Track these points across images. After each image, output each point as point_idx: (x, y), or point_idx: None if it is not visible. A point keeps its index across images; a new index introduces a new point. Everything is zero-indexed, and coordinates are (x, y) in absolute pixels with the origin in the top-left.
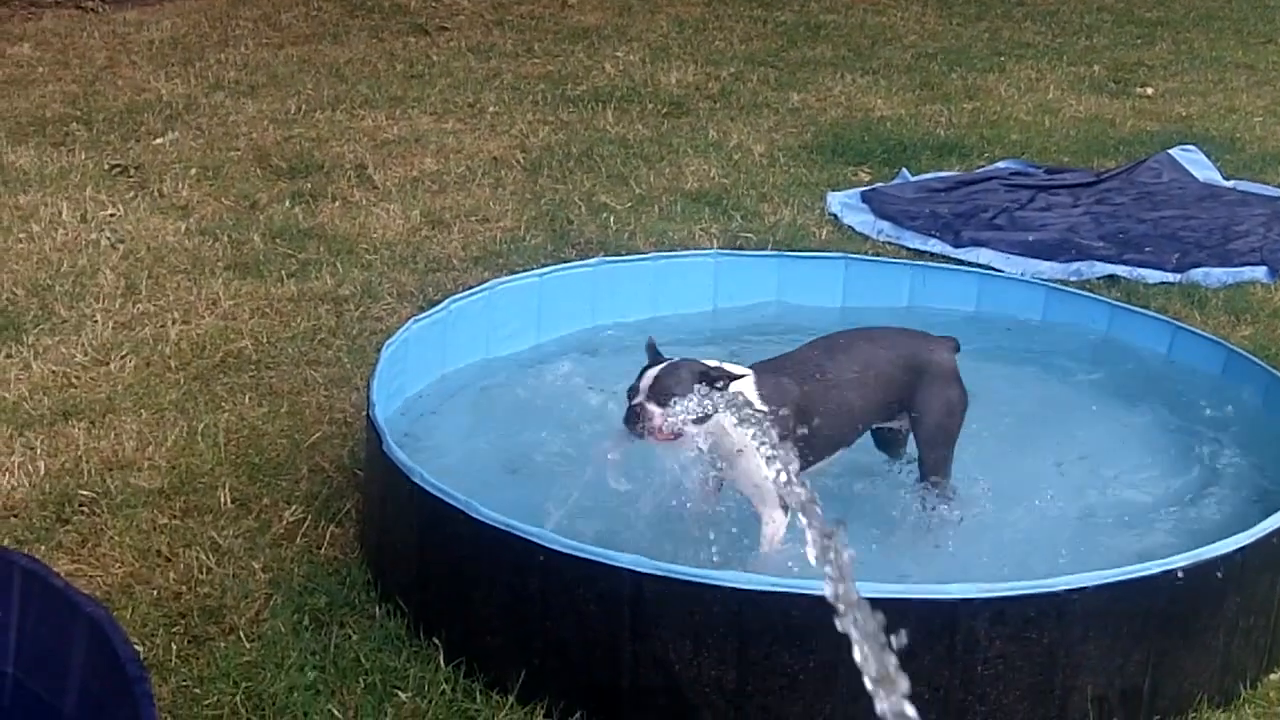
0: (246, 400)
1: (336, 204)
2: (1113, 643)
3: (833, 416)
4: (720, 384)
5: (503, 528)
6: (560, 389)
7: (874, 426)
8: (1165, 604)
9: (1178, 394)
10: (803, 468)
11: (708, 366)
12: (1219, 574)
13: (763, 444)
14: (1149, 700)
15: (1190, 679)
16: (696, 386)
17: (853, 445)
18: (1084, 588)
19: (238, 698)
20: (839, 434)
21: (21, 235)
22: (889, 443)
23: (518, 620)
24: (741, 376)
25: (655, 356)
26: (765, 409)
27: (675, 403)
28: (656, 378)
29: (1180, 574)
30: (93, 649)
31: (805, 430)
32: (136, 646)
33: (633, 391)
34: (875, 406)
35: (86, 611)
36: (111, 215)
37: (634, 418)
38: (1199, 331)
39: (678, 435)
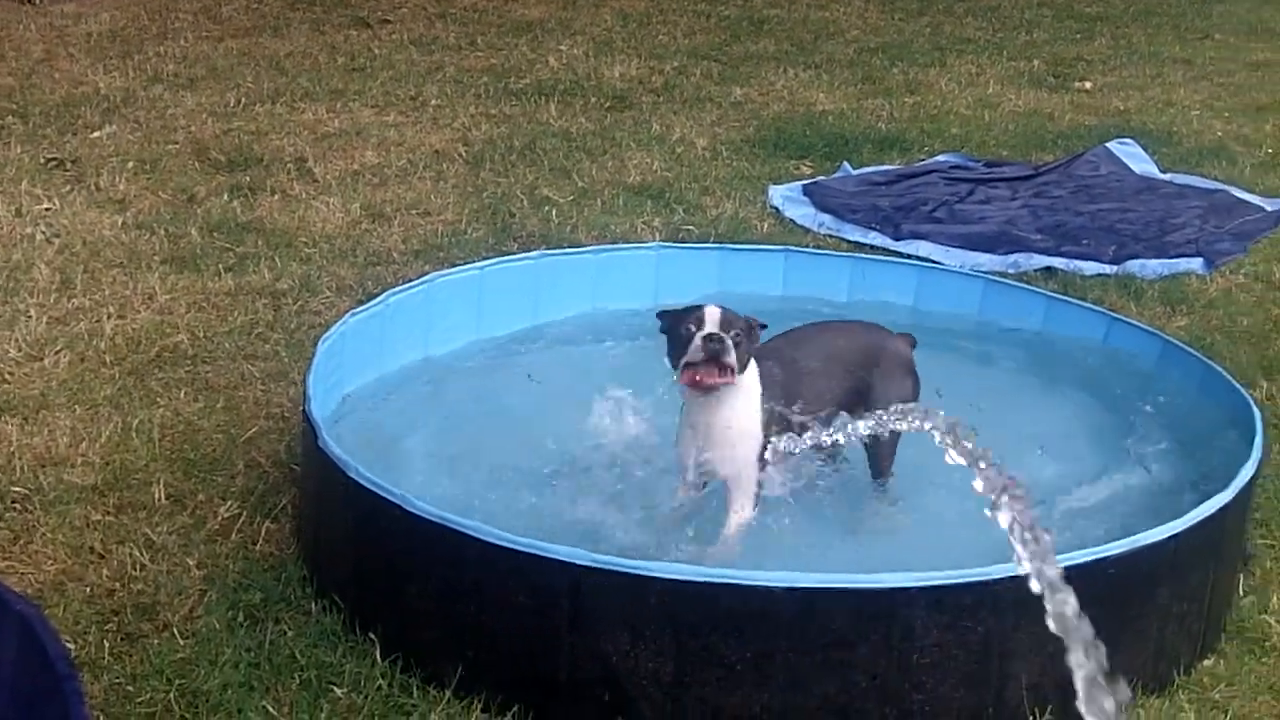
0: (182, 395)
1: (276, 197)
2: (1046, 631)
3: (808, 402)
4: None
5: (437, 521)
6: (500, 382)
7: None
8: (1098, 592)
9: (1113, 384)
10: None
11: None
12: (1149, 562)
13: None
14: None
15: (1124, 665)
16: (748, 329)
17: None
18: (1018, 576)
19: (171, 695)
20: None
21: None
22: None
23: (453, 614)
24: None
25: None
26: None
27: (739, 338)
28: (722, 312)
29: (1111, 565)
30: (22, 647)
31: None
32: (69, 644)
33: (698, 324)
34: (840, 394)
35: (16, 609)
36: (47, 209)
37: (717, 349)
38: (1135, 322)
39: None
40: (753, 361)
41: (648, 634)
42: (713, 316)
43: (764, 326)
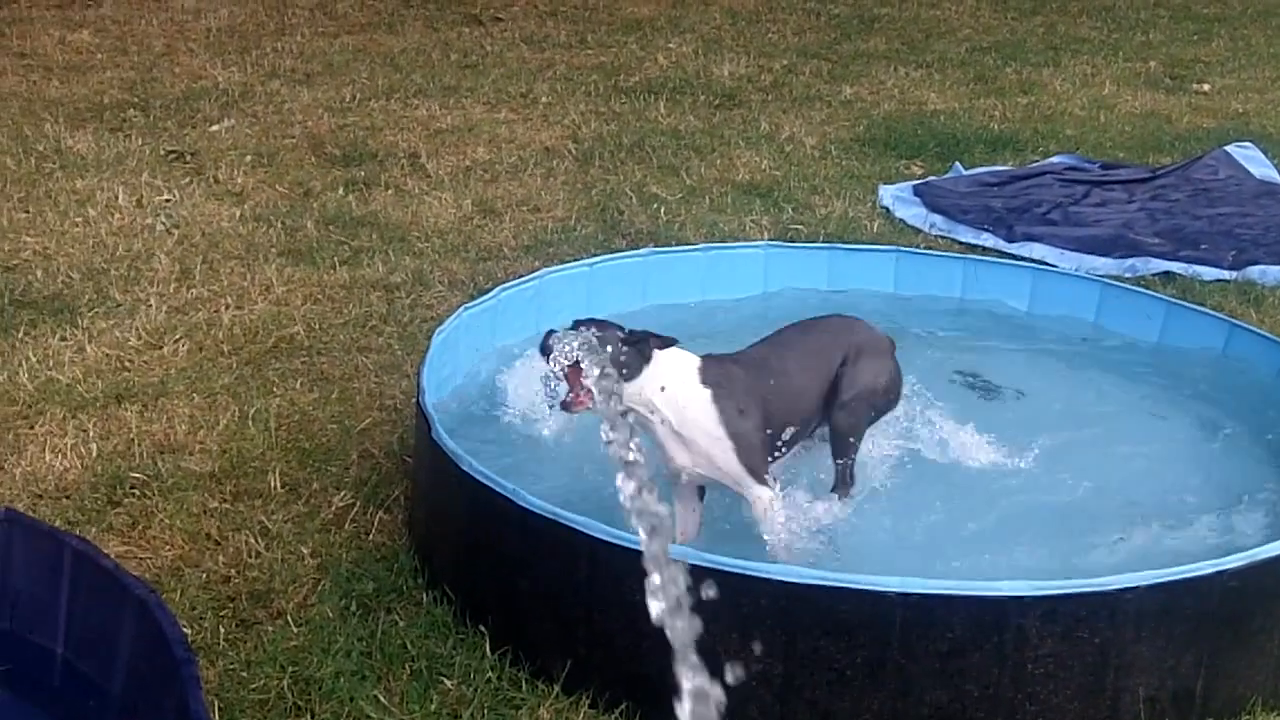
0: (298, 386)
1: (389, 192)
2: (1165, 643)
3: (785, 401)
4: (637, 347)
5: (549, 516)
6: None
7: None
8: (1218, 605)
9: (1233, 393)
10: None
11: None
12: (1269, 575)
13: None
14: (1201, 702)
15: (1243, 681)
16: (609, 346)
17: (812, 435)
18: (1137, 587)
19: (284, 682)
20: (793, 420)
21: (78, 219)
22: None
23: (563, 609)
24: (672, 342)
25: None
26: (708, 390)
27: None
28: (543, 345)
29: (1230, 578)
30: (141, 631)
31: (758, 417)
32: (185, 629)
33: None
34: (817, 387)
35: (136, 594)
36: (167, 200)
37: (549, 387)
38: (1256, 329)
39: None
40: (691, 368)
41: (758, 635)
42: (543, 351)
43: (670, 341)
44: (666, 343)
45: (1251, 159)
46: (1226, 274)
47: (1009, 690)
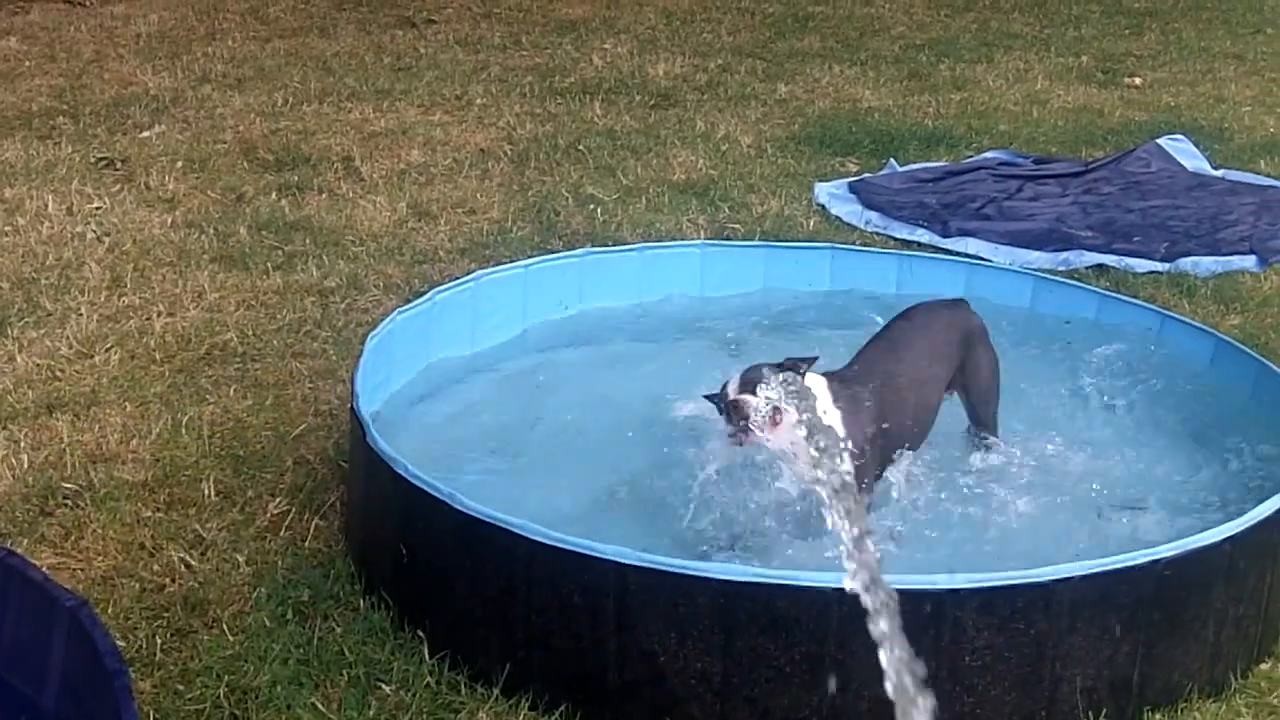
0: (231, 393)
1: (323, 196)
2: (1101, 633)
3: (905, 415)
4: (800, 370)
5: (485, 519)
6: (546, 379)
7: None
8: (1153, 594)
9: (1165, 383)
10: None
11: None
12: (1204, 564)
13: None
14: (1138, 691)
15: (1180, 669)
16: (777, 376)
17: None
18: (1071, 577)
19: (221, 691)
20: (911, 431)
21: (7, 229)
22: None
23: (502, 613)
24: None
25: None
26: (841, 414)
27: (763, 390)
28: (740, 382)
29: (1165, 566)
30: (73, 643)
31: (880, 440)
32: (119, 640)
33: (722, 395)
34: (941, 388)
35: (66, 605)
36: (97, 208)
37: (730, 413)
38: (1188, 320)
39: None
40: (822, 390)
41: (696, 634)
42: (732, 387)
43: (814, 359)
44: (809, 365)
45: (1183, 151)
46: (1159, 266)
47: (946, 683)
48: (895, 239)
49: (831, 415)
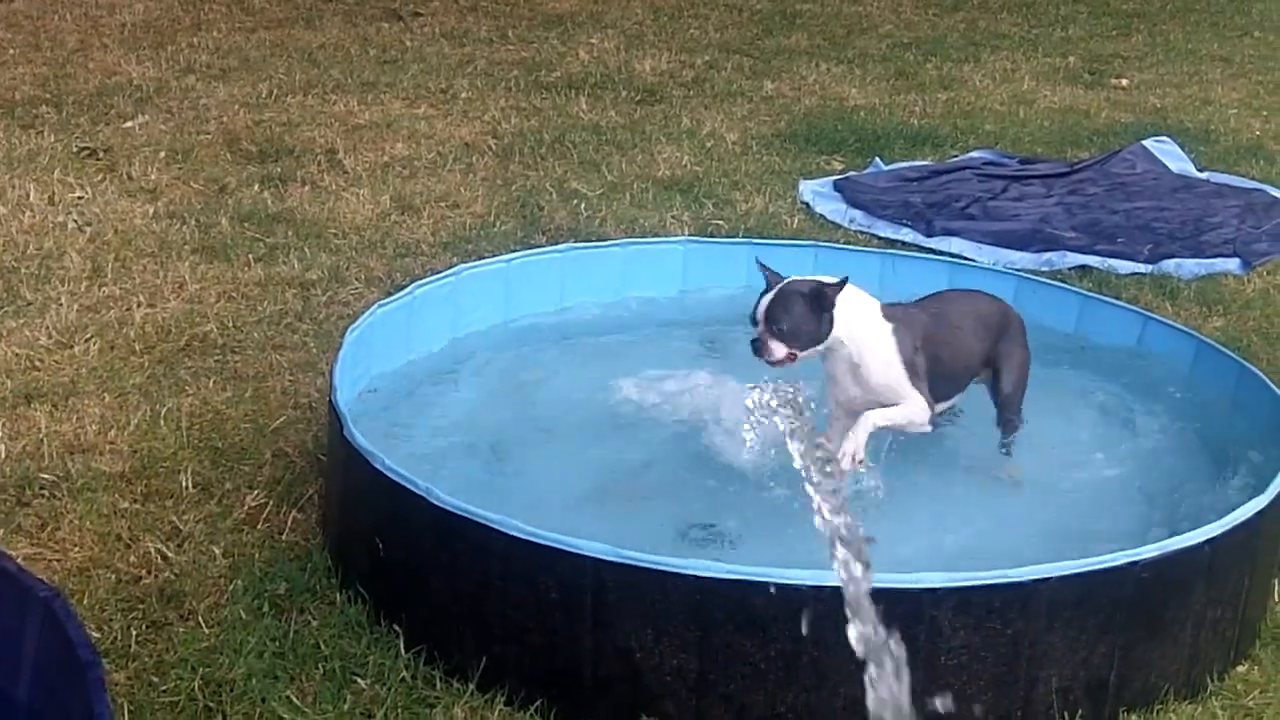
0: (211, 384)
1: (306, 188)
2: (1078, 634)
3: (953, 356)
4: (830, 299)
5: (462, 513)
6: (525, 375)
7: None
8: (1130, 596)
9: (1147, 385)
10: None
11: (817, 285)
12: (1182, 566)
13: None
14: (1115, 692)
15: (1157, 671)
16: (810, 311)
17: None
18: (1049, 578)
19: (195, 683)
20: (956, 371)
21: None
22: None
23: (477, 607)
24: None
25: (769, 277)
26: (891, 326)
27: (790, 328)
28: (768, 305)
29: (1142, 568)
30: (46, 634)
31: (927, 361)
32: (94, 632)
33: (753, 320)
34: (979, 354)
35: (40, 596)
36: (79, 198)
37: (758, 350)
38: (1170, 322)
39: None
40: (875, 308)
41: (671, 630)
42: (760, 312)
43: (844, 281)
44: (840, 286)
45: (1169, 153)
46: (1142, 267)
47: (922, 682)
48: (879, 237)
49: (881, 329)
